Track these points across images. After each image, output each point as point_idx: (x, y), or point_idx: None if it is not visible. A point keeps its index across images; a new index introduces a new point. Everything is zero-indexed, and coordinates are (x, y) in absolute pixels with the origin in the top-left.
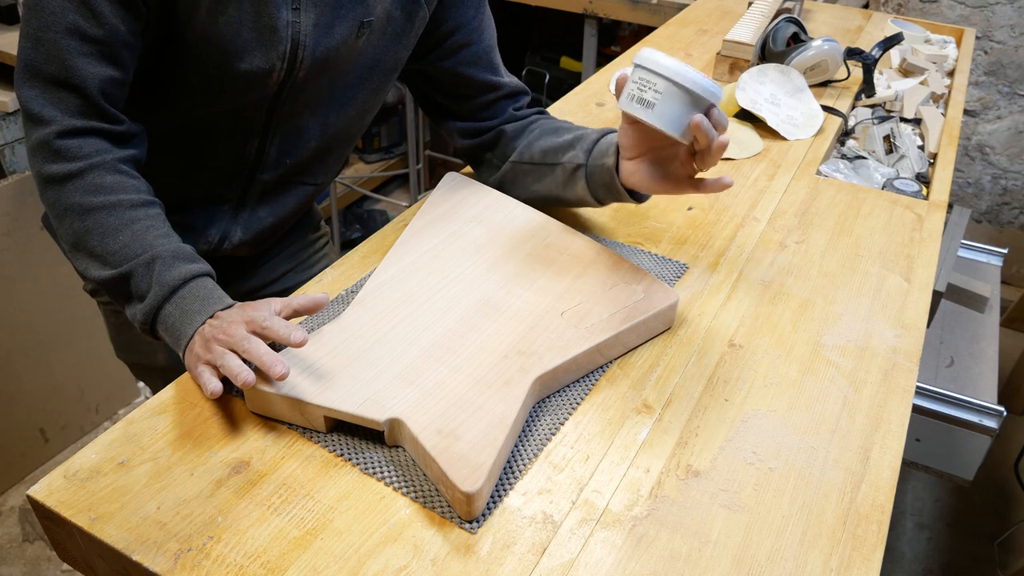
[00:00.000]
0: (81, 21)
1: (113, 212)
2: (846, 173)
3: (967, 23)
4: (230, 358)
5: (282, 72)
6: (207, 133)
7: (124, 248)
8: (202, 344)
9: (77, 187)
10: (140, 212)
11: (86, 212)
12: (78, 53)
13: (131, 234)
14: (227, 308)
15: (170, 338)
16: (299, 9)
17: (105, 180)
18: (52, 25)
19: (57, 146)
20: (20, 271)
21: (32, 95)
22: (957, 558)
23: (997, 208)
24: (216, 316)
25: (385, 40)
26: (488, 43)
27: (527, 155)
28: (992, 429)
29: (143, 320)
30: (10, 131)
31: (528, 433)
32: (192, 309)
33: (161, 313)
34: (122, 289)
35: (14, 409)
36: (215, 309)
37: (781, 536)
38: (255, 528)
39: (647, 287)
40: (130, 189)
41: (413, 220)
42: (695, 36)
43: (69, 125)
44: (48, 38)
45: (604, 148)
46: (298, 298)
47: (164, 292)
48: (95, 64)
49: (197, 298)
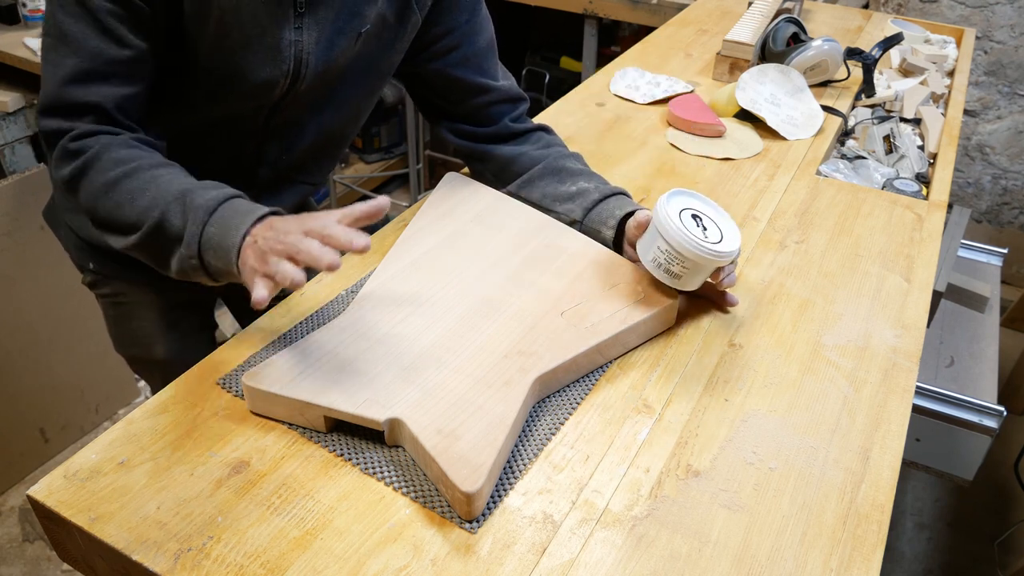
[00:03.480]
0: (103, 45)
1: (135, 176)
2: (846, 173)
3: (967, 23)
4: (284, 265)
5: (285, 86)
6: (207, 136)
7: (152, 200)
8: (257, 256)
9: (97, 169)
10: (161, 171)
11: (111, 186)
12: (100, 76)
13: (156, 188)
14: (276, 215)
15: (220, 261)
16: (301, 28)
17: (120, 153)
18: (76, 51)
19: (72, 147)
20: (20, 271)
21: (54, 123)
22: (957, 558)
23: (997, 208)
24: (269, 224)
25: (380, 45)
26: (480, 46)
27: (524, 191)
28: (992, 429)
29: (189, 254)
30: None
31: (528, 433)
32: (233, 223)
33: (204, 236)
34: (160, 238)
35: (14, 409)
36: (255, 216)
37: (781, 536)
38: (255, 528)
39: (647, 287)
40: (146, 156)
41: (413, 220)
42: (695, 36)
43: (84, 130)
44: (71, 64)
45: (603, 216)
46: (359, 205)
47: (202, 216)
48: (116, 85)
49: (237, 212)
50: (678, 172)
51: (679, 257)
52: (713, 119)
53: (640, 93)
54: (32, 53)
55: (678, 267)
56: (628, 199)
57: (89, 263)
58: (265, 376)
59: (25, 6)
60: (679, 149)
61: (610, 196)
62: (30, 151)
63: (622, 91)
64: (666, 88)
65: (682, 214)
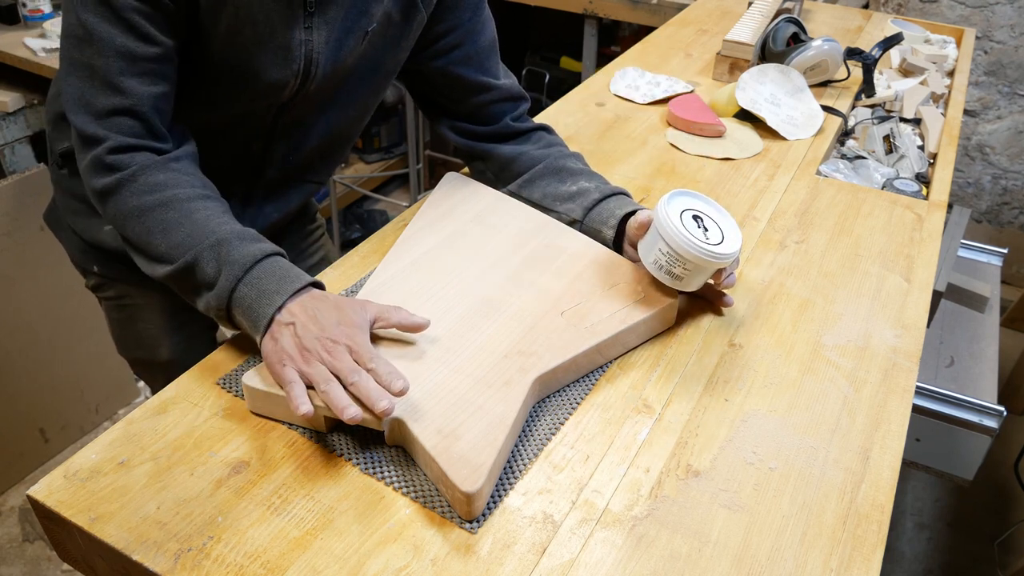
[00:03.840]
0: (130, 43)
1: (170, 207)
2: (846, 173)
3: (967, 23)
4: (335, 388)
5: (295, 86)
6: (215, 135)
7: (187, 239)
8: (297, 349)
9: (132, 191)
10: (197, 204)
11: (144, 212)
12: (131, 74)
13: (191, 224)
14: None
15: (248, 322)
16: (311, 28)
17: (158, 178)
18: (103, 51)
19: (109, 160)
20: (20, 271)
21: (87, 120)
22: (957, 558)
23: (997, 208)
24: (312, 313)
25: (385, 43)
26: (483, 45)
27: (525, 191)
28: (992, 429)
29: (218, 305)
30: (10, 131)
31: (528, 433)
32: (269, 289)
33: (236, 295)
34: (190, 279)
35: (14, 409)
36: (294, 287)
37: (781, 536)
38: (255, 528)
39: (647, 287)
40: (184, 184)
41: (413, 220)
42: (695, 36)
43: (122, 142)
44: (100, 64)
45: (603, 216)
46: (399, 314)
47: (236, 272)
48: (147, 83)
49: (273, 277)
50: (678, 172)
51: (680, 259)
52: (713, 119)
53: (640, 93)
54: (32, 53)
55: (679, 269)
56: (628, 199)
57: (93, 266)
58: (265, 376)
59: (25, 6)
60: (679, 149)
61: (610, 196)
62: (30, 151)
63: (622, 91)
64: (666, 88)
65: (683, 215)
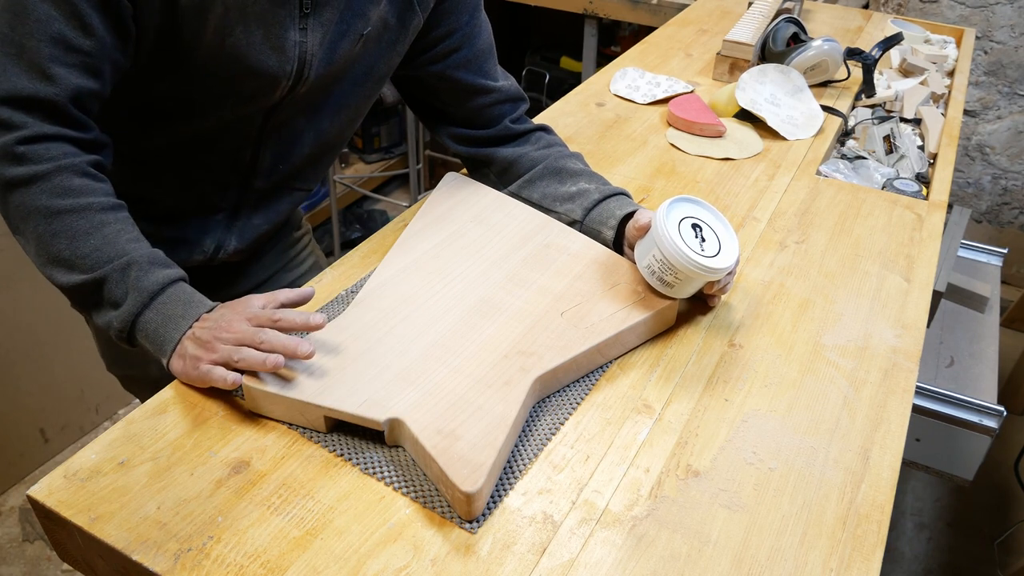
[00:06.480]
0: (68, 31)
1: (82, 215)
2: (846, 173)
3: (967, 23)
4: (247, 351)
5: (286, 87)
6: (201, 145)
7: (95, 252)
8: (199, 346)
9: (43, 189)
10: (110, 216)
11: (53, 215)
12: (61, 63)
13: (102, 238)
14: (211, 310)
15: (152, 345)
16: (306, 29)
17: (73, 183)
18: (36, 33)
19: (22, 151)
20: (20, 271)
21: (4, 112)
22: (957, 558)
23: (997, 208)
24: (203, 319)
25: (380, 48)
26: (480, 48)
27: (525, 191)
28: (992, 429)
29: (120, 327)
30: None
31: (528, 433)
32: (175, 314)
33: (140, 320)
34: (94, 295)
35: (14, 409)
36: (199, 312)
37: (781, 536)
38: (255, 528)
39: (646, 287)
40: (98, 192)
41: (413, 220)
42: (695, 36)
43: (38, 131)
44: (31, 46)
45: (603, 216)
46: (283, 292)
47: (143, 298)
48: (76, 75)
49: (179, 302)
50: (678, 172)
51: (671, 268)
52: (713, 119)
53: (640, 93)
54: None
55: (671, 277)
56: (628, 199)
57: None
58: (265, 376)
59: None
60: (679, 149)
61: (610, 196)
62: None
63: (622, 91)
64: (666, 88)
65: (682, 223)
